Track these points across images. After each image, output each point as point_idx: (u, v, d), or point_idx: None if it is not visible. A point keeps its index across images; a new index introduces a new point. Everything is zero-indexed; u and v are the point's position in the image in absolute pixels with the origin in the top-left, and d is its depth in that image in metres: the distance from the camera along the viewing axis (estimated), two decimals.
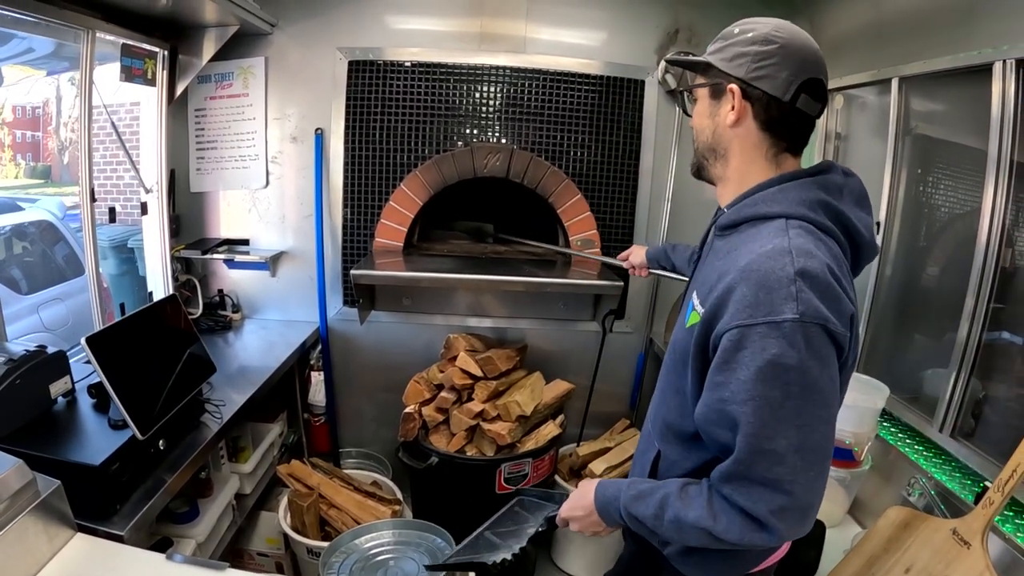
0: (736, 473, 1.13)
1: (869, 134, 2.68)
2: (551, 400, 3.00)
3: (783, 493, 1.10)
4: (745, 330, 1.09)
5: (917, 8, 2.33)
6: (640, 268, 2.48)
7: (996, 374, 1.97)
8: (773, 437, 1.08)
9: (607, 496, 1.37)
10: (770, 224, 1.21)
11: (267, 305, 3.33)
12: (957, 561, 1.59)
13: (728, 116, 1.27)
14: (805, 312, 1.07)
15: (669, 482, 1.28)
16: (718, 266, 1.25)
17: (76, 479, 1.52)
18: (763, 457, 1.09)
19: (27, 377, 1.73)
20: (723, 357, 1.13)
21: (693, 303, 1.29)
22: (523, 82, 3.07)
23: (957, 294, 2.03)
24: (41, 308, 4.22)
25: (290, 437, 3.16)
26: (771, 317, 1.08)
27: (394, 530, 2.13)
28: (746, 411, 1.09)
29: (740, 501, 1.13)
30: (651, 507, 1.25)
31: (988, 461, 1.89)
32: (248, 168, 3.14)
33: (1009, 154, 1.85)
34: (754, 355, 1.08)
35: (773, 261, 1.11)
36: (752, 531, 1.13)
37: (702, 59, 1.28)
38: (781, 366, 1.07)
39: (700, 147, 1.37)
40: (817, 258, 1.12)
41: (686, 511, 1.20)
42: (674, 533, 1.23)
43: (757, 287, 1.10)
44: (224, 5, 2.47)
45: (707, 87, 1.31)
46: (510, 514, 1.70)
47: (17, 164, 7.10)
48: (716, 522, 1.16)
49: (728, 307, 1.13)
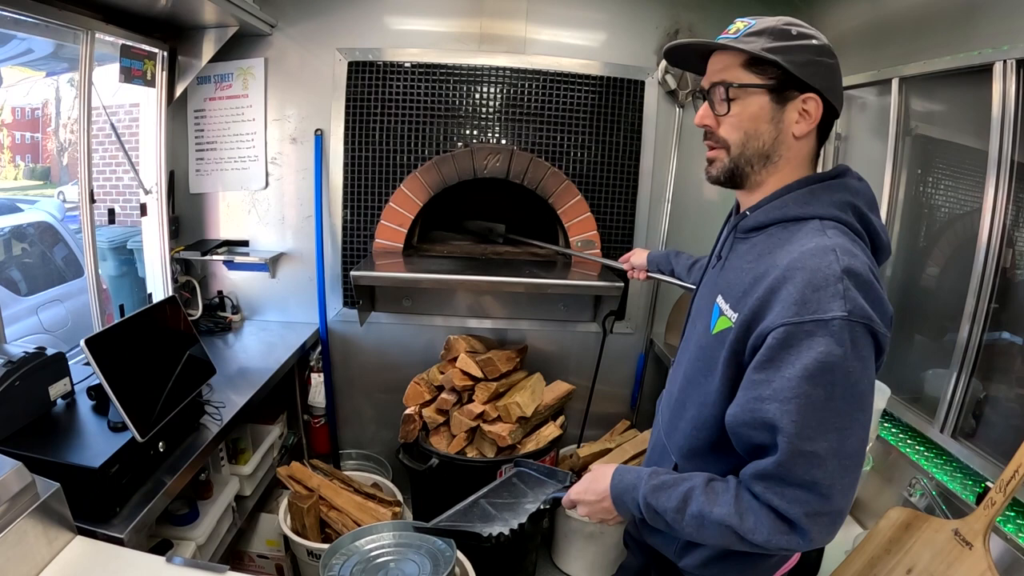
0: (774, 473, 1.10)
1: (869, 134, 2.67)
2: (552, 401, 2.99)
3: (820, 497, 1.08)
4: (792, 328, 1.07)
5: (917, 8, 2.33)
6: (639, 271, 2.47)
7: (997, 374, 1.97)
8: (815, 439, 1.06)
9: (625, 484, 1.32)
10: (804, 225, 1.20)
11: (267, 306, 3.33)
12: (959, 562, 1.59)
13: (799, 126, 1.22)
14: (852, 311, 1.06)
15: (693, 475, 1.24)
16: (749, 268, 1.23)
17: (76, 481, 1.52)
18: (804, 459, 1.07)
19: (26, 379, 1.73)
20: (767, 355, 1.11)
21: (720, 308, 1.27)
22: (523, 83, 3.06)
23: (958, 294, 2.03)
24: (40, 310, 4.21)
25: (290, 439, 3.16)
26: (819, 315, 1.06)
27: (394, 532, 2.13)
28: (789, 410, 1.07)
29: (774, 501, 1.10)
30: (673, 499, 1.21)
31: (989, 461, 1.89)
32: (248, 169, 3.13)
33: (1010, 154, 1.85)
34: (800, 353, 1.07)
35: (818, 259, 1.10)
36: (781, 533, 1.11)
37: (770, 57, 1.17)
38: (827, 365, 1.05)
39: (747, 152, 1.25)
40: (859, 258, 1.12)
41: (711, 507, 1.16)
42: (694, 529, 1.20)
43: (804, 285, 1.08)
44: (223, 6, 2.47)
45: (768, 88, 1.21)
46: (507, 485, 1.69)
47: (16, 166, 7.10)
48: (743, 521, 1.13)
49: (773, 306, 1.11)
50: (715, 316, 1.28)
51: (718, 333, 1.25)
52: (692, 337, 1.42)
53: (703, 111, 1.28)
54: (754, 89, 1.21)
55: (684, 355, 1.46)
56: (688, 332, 1.50)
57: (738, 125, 1.24)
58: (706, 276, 1.47)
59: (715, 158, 1.29)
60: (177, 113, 3.05)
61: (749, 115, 1.22)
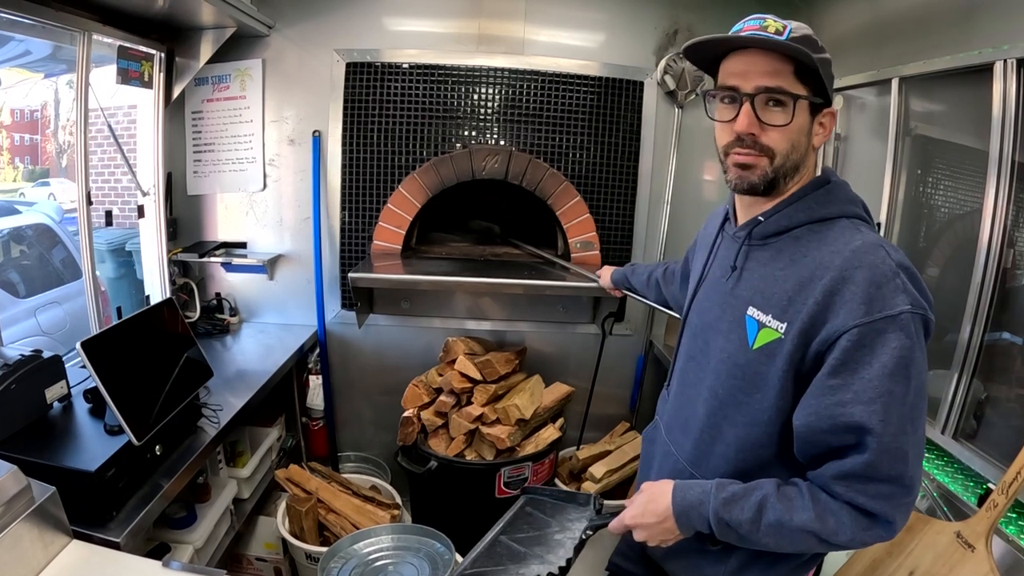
0: (862, 473, 1.10)
1: (869, 135, 2.67)
2: (551, 403, 2.99)
3: (904, 488, 1.10)
4: (864, 328, 1.08)
5: (917, 8, 2.33)
6: (611, 289, 2.50)
7: (998, 375, 1.96)
8: (900, 434, 1.08)
9: (689, 501, 1.25)
10: (835, 224, 1.21)
11: (265, 308, 3.32)
12: (961, 564, 1.58)
13: (818, 138, 1.25)
14: (914, 303, 1.08)
15: (763, 483, 1.21)
16: (786, 275, 1.22)
17: (72, 485, 1.51)
18: (891, 455, 1.08)
19: (22, 382, 1.72)
20: (841, 359, 1.10)
21: (757, 321, 1.24)
22: (521, 84, 3.06)
23: (958, 295, 2.02)
24: (39, 312, 4.21)
25: (288, 441, 3.15)
26: (887, 311, 1.07)
27: (393, 535, 2.12)
28: (875, 409, 1.07)
29: (858, 500, 1.11)
30: (748, 511, 1.18)
31: (990, 463, 1.89)
32: (245, 171, 3.13)
33: (1010, 155, 1.85)
34: (876, 352, 1.08)
35: (872, 256, 1.11)
36: (864, 529, 1.12)
37: (821, 71, 1.17)
38: (904, 360, 1.07)
39: (788, 164, 1.22)
40: (900, 251, 1.14)
41: (790, 514, 1.15)
42: (771, 539, 1.18)
43: (867, 284, 1.09)
44: (220, 7, 2.47)
45: (809, 102, 1.20)
46: (523, 516, 1.60)
47: (15, 167, 7.10)
48: (824, 524, 1.13)
49: (836, 308, 1.11)
50: (752, 329, 1.25)
51: (762, 347, 1.23)
52: (707, 353, 1.38)
53: (747, 118, 1.20)
54: (804, 101, 1.19)
55: (692, 375, 1.42)
56: (689, 348, 1.46)
57: (788, 136, 1.21)
58: (708, 286, 1.43)
59: (754, 164, 1.23)
60: (175, 115, 3.04)
61: (797, 127, 1.20)
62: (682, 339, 1.51)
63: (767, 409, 1.23)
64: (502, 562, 1.43)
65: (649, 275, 2.23)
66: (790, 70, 1.17)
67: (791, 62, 1.16)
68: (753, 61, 1.19)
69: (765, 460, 1.26)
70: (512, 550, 1.47)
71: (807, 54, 1.13)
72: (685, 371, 1.47)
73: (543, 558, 1.42)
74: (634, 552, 1.65)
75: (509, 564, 1.42)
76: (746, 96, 1.19)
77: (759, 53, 1.18)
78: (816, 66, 1.14)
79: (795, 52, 1.14)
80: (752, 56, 1.19)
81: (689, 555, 1.42)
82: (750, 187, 1.25)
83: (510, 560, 1.44)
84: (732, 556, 1.35)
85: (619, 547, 1.76)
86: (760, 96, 1.18)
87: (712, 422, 1.34)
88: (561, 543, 1.47)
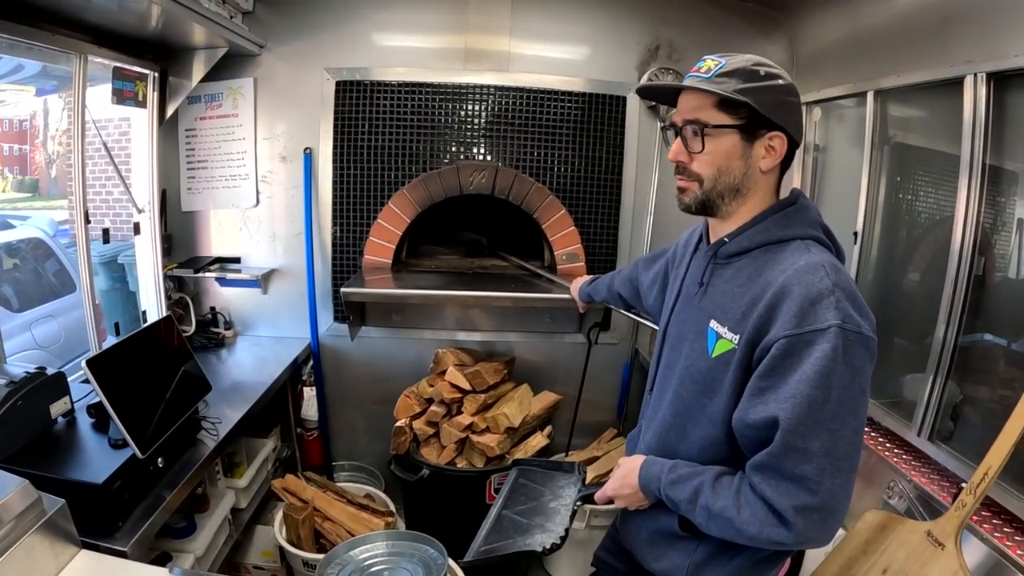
0: (767, 464, 1.20)
1: (847, 145, 2.74)
2: (539, 411, 3.05)
3: (808, 492, 1.16)
4: (794, 339, 1.18)
5: (892, 24, 2.39)
6: (581, 305, 2.59)
7: (972, 377, 2.02)
8: (807, 436, 1.16)
9: (649, 476, 1.43)
10: (788, 246, 1.31)
11: (259, 322, 3.36)
12: (932, 562, 1.64)
13: (765, 161, 1.31)
14: (845, 320, 1.16)
15: (707, 469, 1.34)
16: (741, 292, 1.32)
17: (80, 497, 1.55)
18: (796, 453, 1.16)
19: (28, 399, 1.77)
20: (770, 364, 1.21)
21: (716, 332, 1.34)
22: (507, 100, 3.12)
23: (933, 299, 2.08)
24: (33, 326, 4.22)
25: (284, 452, 3.18)
26: (817, 325, 1.16)
27: (388, 541, 2.16)
28: (786, 407, 1.16)
29: (767, 492, 1.19)
30: (686, 492, 1.32)
31: (966, 464, 1.93)
32: (238, 187, 3.17)
33: (980, 157, 1.93)
34: (802, 360, 1.17)
35: (811, 275, 1.21)
36: (771, 526, 1.20)
37: (742, 99, 1.25)
38: (826, 368, 1.15)
39: (719, 187, 1.34)
40: (843, 272, 1.24)
41: (715, 500, 1.27)
42: (703, 521, 1.31)
43: (801, 299, 1.19)
44: (213, 28, 2.51)
45: (739, 128, 1.29)
46: (519, 488, 1.74)
47: (4, 177, 7.08)
48: (739, 513, 1.23)
49: (774, 321, 1.21)
50: (712, 340, 1.36)
51: (720, 355, 1.33)
52: (678, 361, 1.48)
53: (677, 148, 1.36)
54: (726, 129, 1.29)
55: (668, 381, 1.51)
56: (668, 357, 1.55)
57: (711, 162, 1.32)
58: (683, 301, 1.53)
59: (687, 188, 1.39)
60: (168, 133, 3.08)
61: (722, 152, 1.31)
62: (662, 349, 1.59)
63: (723, 411, 1.33)
64: (510, 535, 1.59)
65: (608, 288, 2.34)
66: (711, 103, 1.29)
67: (712, 95, 1.28)
68: (684, 98, 1.35)
69: (724, 457, 1.36)
70: (516, 523, 1.63)
71: (715, 91, 1.26)
72: (663, 378, 1.56)
73: (544, 527, 1.58)
74: (616, 546, 1.76)
75: (516, 536, 1.58)
76: (676, 129, 1.36)
77: (689, 91, 1.33)
78: (735, 96, 1.25)
79: (708, 86, 1.27)
80: (685, 94, 1.35)
81: (660, 546, 1.52)
82: (685, 208, 1.41)
83: (515, 532, 1.59)
84: (698, 548, 1.45)
85: (603, 542, 1.87)
86: (687, 128, 1.33)
87: (678, 422, 1.46)
88: (556, 511, 1.63)
